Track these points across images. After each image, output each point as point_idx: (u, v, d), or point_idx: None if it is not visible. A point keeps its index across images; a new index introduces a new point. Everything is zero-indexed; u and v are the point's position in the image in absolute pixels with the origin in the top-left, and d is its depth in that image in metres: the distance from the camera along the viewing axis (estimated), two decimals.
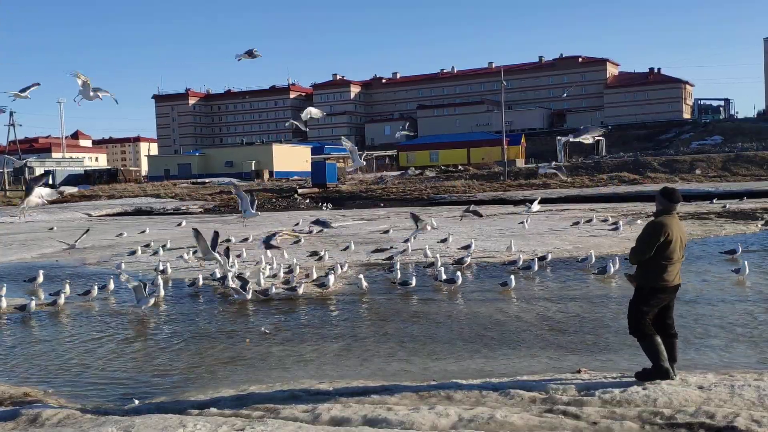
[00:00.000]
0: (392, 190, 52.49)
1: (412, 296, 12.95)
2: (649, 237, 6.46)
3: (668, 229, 6.43)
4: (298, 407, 6.34)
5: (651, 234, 6.47)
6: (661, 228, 6.45)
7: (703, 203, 32.34)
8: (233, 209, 46.97)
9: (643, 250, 6.48)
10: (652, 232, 6.47)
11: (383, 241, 21.14)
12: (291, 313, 11.85)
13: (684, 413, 5.69)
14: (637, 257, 6.57)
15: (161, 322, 11.63)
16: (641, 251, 6.50)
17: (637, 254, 6.57)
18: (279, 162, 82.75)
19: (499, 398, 6.41)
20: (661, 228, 6.44)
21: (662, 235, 6.40)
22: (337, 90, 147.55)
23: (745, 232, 21.97)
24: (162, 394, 7.60)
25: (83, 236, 19.36)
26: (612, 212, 29.48)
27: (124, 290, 13.46)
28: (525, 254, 16.64)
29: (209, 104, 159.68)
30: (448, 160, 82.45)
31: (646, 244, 6.45)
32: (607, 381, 6.70)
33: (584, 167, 57.24)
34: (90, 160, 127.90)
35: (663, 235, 6.40)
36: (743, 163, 54.07)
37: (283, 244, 14.83)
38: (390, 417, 5.91)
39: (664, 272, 6.46)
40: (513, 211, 32.87)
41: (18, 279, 16.13)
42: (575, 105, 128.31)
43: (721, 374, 6.83)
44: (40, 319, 12.08)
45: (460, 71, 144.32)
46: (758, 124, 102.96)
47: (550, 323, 10.35)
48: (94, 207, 47.93)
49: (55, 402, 7.31)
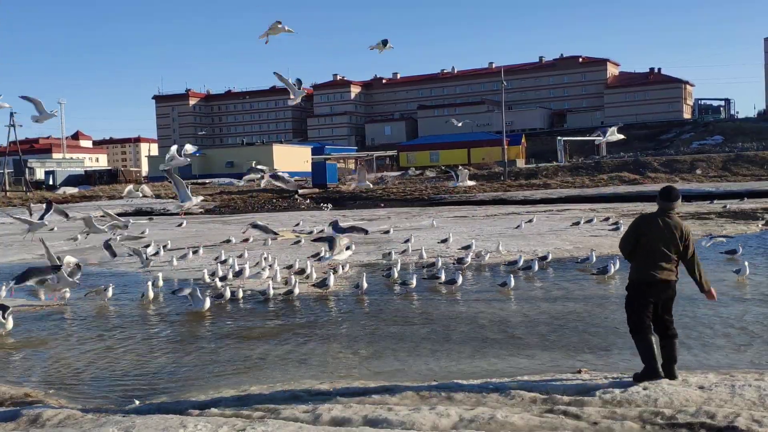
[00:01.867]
0: (393, 191, 52.50)
1: (412, 296, 12.95)
2: (628, 231, 6.76)
3: (647, 224, 6.59)
4: (298, 407, 6.34)
5: (630, 228, 6.75)
6: (637, 224, 6.67)
7: (703, 203, 32.34)
8: (234, 209, 47.03)
9: (623, 244, 6.77)
10: (630, 227, 6.79)
11: (383, 241, 21.16)
12: (291, 314, 11.86)
13: (685, 413, 5.68)
14: (622, 252, 6.86)
15: (162, 323, 11.64)
16: (622, 245, 6.81)
17: (621, 250, 6.88)
18: (279, 162, 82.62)
19: (499, 398, 6.41)
20: (637, 224, 6.67)
21: (639, 229, 6.60)
22: (337, 90, 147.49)
23: (746, 232, 21.98)
24: (162, 395, 7.61)
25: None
26: (613, 212, 29.48)
27: (121, 293, 13.47)
28: (525, 254, 16.63)
29: (209, 104, 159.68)
30: (448, 160, 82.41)
31: (625, 237, 6.76)
32: (607, 381, 6.70)
33: (585, 167, 57.28)
34: (90, 161, 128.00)
35: (638, 230, 6.60)
36: (744, 163, 54.10)
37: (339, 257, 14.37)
38: (391, 417, 5.91)
39: (646, 266, 6.56)
40: (513, 212, 32.88)
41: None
42: (576, 105, 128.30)
43: (721, 374, 6.83)
44: (41, 319, 12.09)
45: (460, 71, 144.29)
46: (759, 124, 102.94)
47: (551, 323, 10.35)
48: (94, 207, 47.92)
49: (56, 402, 7.31)
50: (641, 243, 6.55)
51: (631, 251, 6.65)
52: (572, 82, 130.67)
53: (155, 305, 13.03)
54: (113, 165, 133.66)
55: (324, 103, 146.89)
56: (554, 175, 55.51)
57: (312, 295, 13.24)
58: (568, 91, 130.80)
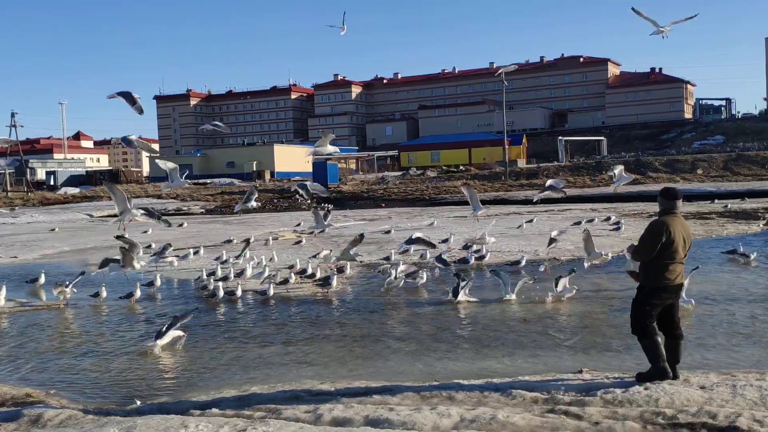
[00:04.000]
0: (393, 191, 52.49)
1: (413, 297, 12.94)
2: (651, 236, 6.48)
3: (670, 227, 6.44)
4: (300, 408, 6.34)
5: (652, 233, 6.49)
6: (661, 226, 6.47)
7: (704, 203, 32.31)
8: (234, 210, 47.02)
9: (646, 250, 6.50)
10: (653, 231, 6.49)
11: (384, 241, 21.16)
12: (292, 314, 11.85)
13: (686, 413, 5.68)
14: (641, 257, 6.59)
15: (162, 323, 11.61)
16: (644, 251, 6.51)
17: (641, 254, 6.59)
18: (280, 162, 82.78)
19: (500, 398, 6.41)
20: (662, 226, 6.46)
21: (664, 233, 6.41)
22: (338, 90, 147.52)
23: (747, 231, 21.96)
24: (164, 395, 7.60)
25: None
26: (614, 212, 29.46)
27: (122, 293, 13.47)
28: (527, 254, 16.68)
29: (210, 105, 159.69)
30: (449, 160, 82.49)
31: (649, 243, 6.47)
32: (608, 381, 6.70)
33: (586, 167, 57.23)
34: (91, 161, 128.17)
35: (665, 233, 6.41)
36: (745, 162, 54.02)
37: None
38: (392, 417, 5.91)
39: (666, 271, 6.46)
40: (515, 211, 32.85)
41: (20, 279, 16.13)
42: (577, 105, 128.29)
43: (723, 374, 6.82)
44: (41, 320, 12.09)
45: (461, 71, 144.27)
46: (760, 123, 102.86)
47: (552, 323, 10.34)
48: (95, 208, 47.92)
49: (57, 403, 7.31)
50: (661, 247, 6.41)
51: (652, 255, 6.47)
52: (573, 82, 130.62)
53: (156, 305, 13.04)
54: (114, 165, 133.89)
55: (325, 103, 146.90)
56: (555, 175, 55.37)
57: (312, 295, 13.24)
58: (569, 91, 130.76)
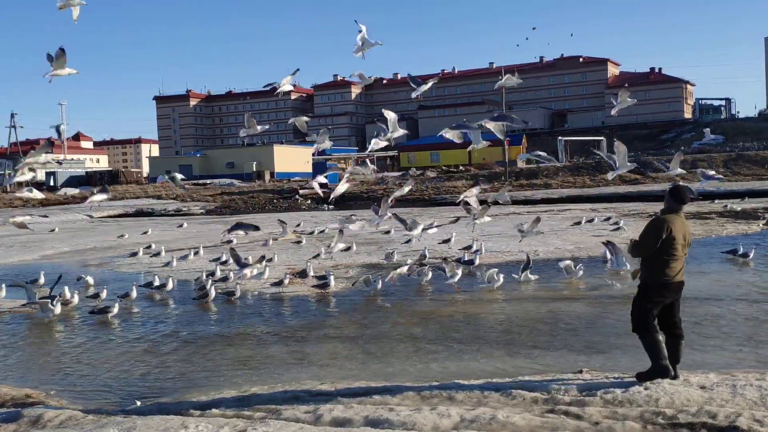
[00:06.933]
0: (393, 191, 52.41)
1: (413, 297, 12.94)
2: (651, 232, 6.53)
3: (670, 225, 6.49)
4: (299, 408, 6.34)
5: (653, 229, 6.54)
6: (663, 224, 6.51)
7: (704, 203, 32.31)
8: (234, 210, 47.03)
9: (647, 245, 6.54)
10: (655, 226, 6.55)
11: (384, 241, 21.16)
12: (292, 314, 11.85)
13: (686, 413, 5.68)
14: (640, 252, 6.64)
15: (162, 323, 11.62)
16: (646, 246, 6.56)
17: (640, 249, 6.64)
18: (280, 163, 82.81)
19: (500, 398, 6.41)
20: (663, 224, 6.51)
21: (664, 231, 6.46)
22: (337, 91, 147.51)
23: (747, 231, 21.96)
24: (164, 395, 7.60)
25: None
26: (614, 212, 29.46)
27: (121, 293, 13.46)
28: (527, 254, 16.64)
29: (210, 105, 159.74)
30: (449, 160, 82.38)
31: (652, 237, 6.51)
32: (608, 381, 6.70)
33: (585, 167, 57.24)
34: (91, 162, 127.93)
35: (665, 231, 6.46)
36: (744, 162, 54.02)
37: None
38: (392, 417, 5.91)
39: (666, 267, 6.50)
40: (514, 212, 32.85)
41: (20, 280, 16.11)
42: (576, 105, 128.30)
43: (723, 374, 6.82)
44: (42, 320, 12.07)
45: (460, 72, 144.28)
46: (759, 123, 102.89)
47: (552, 323, 10.34)
48: (98, 208, 47.92)
49: (57, 403, 7.32)
50: (661, 244, 6.45)
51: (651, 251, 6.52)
52: (573, 82, 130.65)
53: (155, 305, 13.03)
54: (114, 166, 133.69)
55: (324, 103, 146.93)
56: (555, 175, 55.47)
57: (312, 295, 13.24)
58: (568, 91, 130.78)
